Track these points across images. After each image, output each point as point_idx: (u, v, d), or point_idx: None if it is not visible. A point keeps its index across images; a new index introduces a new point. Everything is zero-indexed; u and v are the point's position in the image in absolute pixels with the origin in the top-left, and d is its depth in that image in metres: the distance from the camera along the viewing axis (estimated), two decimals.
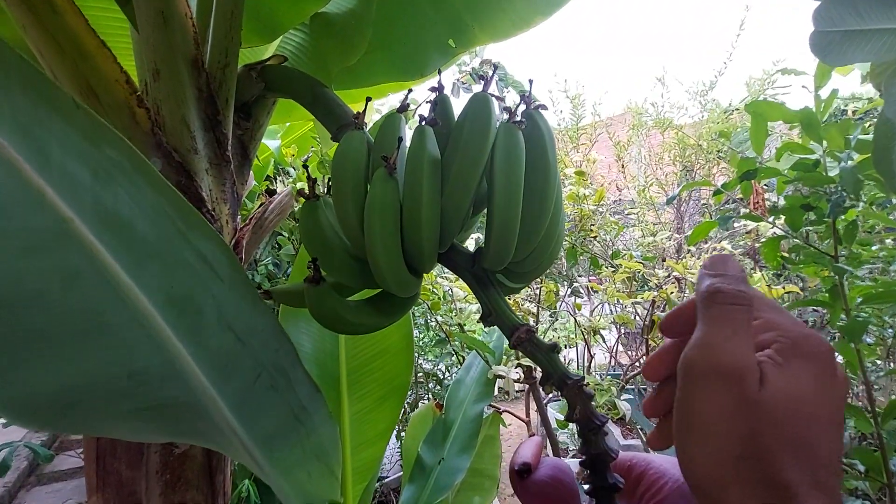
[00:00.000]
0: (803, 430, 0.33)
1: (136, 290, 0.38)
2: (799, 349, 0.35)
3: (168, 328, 0.40)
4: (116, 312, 0.38)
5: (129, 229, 0.38)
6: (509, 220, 0.56)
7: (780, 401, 0.33)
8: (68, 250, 0.35)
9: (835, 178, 0.83)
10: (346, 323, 0.61)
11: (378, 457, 0.95)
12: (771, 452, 0.32)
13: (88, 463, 0.76)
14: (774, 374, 0.34)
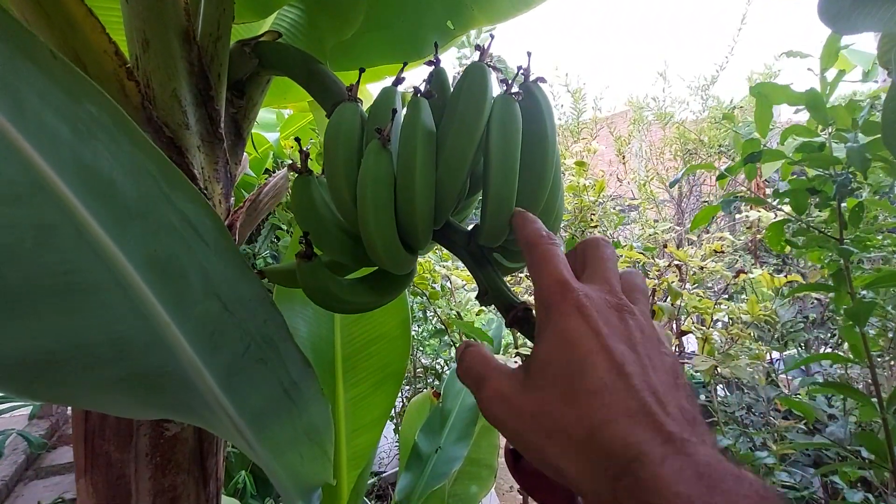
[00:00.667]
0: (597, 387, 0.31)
1: (116, 250, 0.36)
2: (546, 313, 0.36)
3: (150, 293, 0.39)
4: (95, 273, 0.36)
5: (109, 187, 0.37)
6: (505, 193, 0.54)
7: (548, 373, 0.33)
8: (43, 204, 0.33)
9: (841, 160, 0.81)
10: (338, 300, 0.59)
11: (373, 443, 0.94)
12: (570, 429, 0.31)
13: (77, 444, 0.75)
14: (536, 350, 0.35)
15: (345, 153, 0.56)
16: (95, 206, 0.35)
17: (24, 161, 0.32)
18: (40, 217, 0.33)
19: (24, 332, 0.34)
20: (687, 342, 2.61)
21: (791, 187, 0.89)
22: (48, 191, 0.33)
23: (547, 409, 0.32)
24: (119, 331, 0.38)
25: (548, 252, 0.40)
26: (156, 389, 0.45)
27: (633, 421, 0.29)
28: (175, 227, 0.41)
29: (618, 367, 0.31)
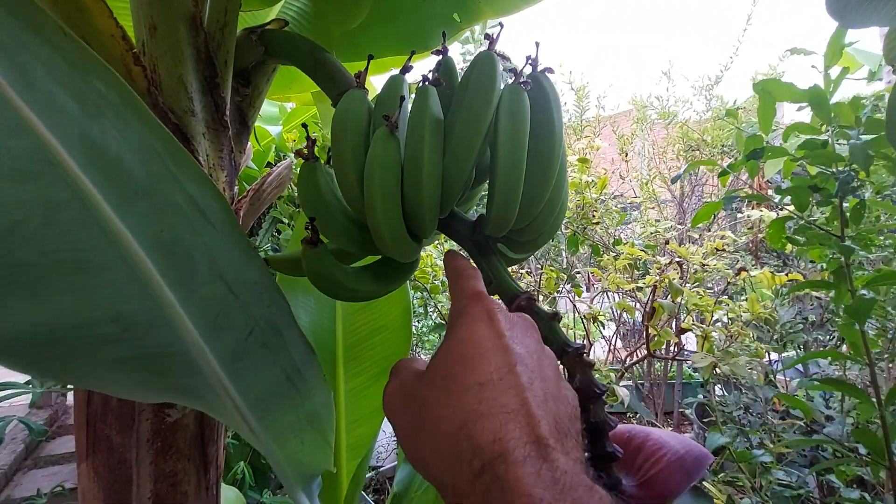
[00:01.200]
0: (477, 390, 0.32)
1: (123, 229, 0.36)
2: (457, 317, 0.38)
3: (156, 272, 0.39)
4: (102, 251, 0.36)
5: (116, 165, 0.37)
6: (512, 183, 0.54)
7: (438, 368, 0.35)
8: (52, 180, 0.33)
9: (844, 158, 0.81)
10: (343, 288, 0.59)
11: (373, 433, 0.94)
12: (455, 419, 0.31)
13: (79, 429, 0.75)
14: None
15: (352, 139, 0.56)
16: (103, 183, 0.35)
17: (34, 136, 0.32)
18: (49, 194, 0.33)
19: (32, 309, 0.34)
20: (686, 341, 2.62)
21: (793, 184, 0.89)
22: (57, 167, 0.33)
23: (430, 401, 0.33)
24: (125, 310, 0.39)
25: (471, 273, 0.45)
26: (160, 371, 0.45)
27: (507, 418, 0.30)
28: (181, 207, 0.41)
29: (510, 364, 0.33)
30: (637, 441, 0.53)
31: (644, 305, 1.42)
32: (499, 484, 0.27)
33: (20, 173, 0.32)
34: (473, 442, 0.29)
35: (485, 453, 0.28)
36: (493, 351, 0.33)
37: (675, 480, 0.51)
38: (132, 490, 0.73)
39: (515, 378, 0.32)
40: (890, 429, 0.78)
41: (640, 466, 0.51)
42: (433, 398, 0.33)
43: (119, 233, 0.36)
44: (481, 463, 0.28)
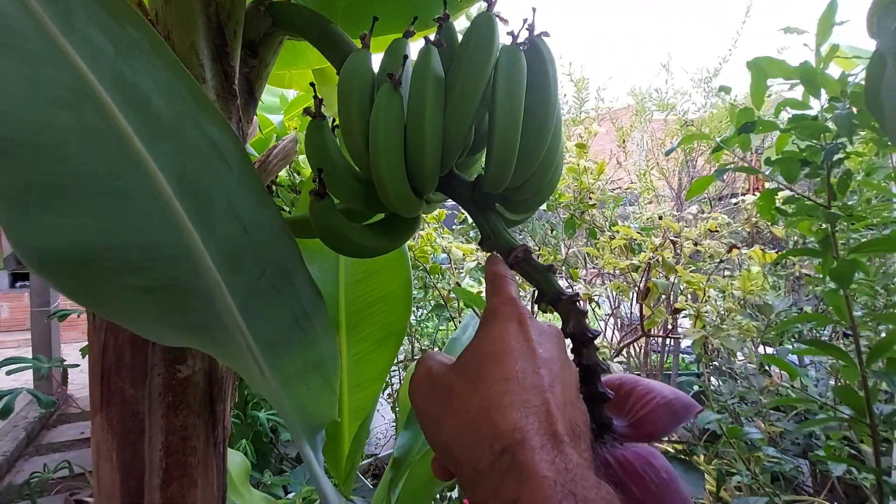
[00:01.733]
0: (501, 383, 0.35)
1: (151, 162, 0.39)
2: (490, 317, 0.41)
3: (180, 207, 0.42)
4: (132, 180, 0.39)
5: (145, 104, 0.40)
6: (509, 138, 0.57)
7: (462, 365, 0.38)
8: (88, 110, 0.36)
9: (831, 130, 0.84)
10: (348, 242, 0.63)
11: (374, 396, 0.98)
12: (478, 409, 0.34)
13: (93, 382, 0.78)
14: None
15: (358, 96, 0.59)
16: (134, 119, 0.38)
17: (74, 70, 0.35)
18: (87, 122, 0.36)
19: (69, 227, 0.37)
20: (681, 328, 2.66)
21: (782, 156, 0.92)
22: (93, 100, 0.36)
23: (458, 389, 0.36)
24: (151, 239, 0.42)
25: (508, 278, 0.48)
26: (181, 305, 0.48)
27: (529, 412, 0.33)
28: (202, 148, 0.44)
29: (535, 367, 0.36)
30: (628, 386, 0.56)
31: (638, 285, 1.46)
32: (517, 465, 0.30)
33: (62, 100, 0.35)
34: (496, 428, 0.32)
35: (505, 438, 0.32)
36: (521, 352, 0.37)
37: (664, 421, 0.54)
38: (145, 441, 0.76)
39: (539, 379, 0.35)
40: (871, 390, 0.82)
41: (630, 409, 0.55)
42: (461, 387, 0.36)
43: (148, 165, 0.39)
44: (501, 446, 0.31)
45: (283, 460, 2.80)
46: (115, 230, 0.39)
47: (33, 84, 0.34)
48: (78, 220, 0.37)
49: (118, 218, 0.39)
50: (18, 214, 0.35)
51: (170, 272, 0.44)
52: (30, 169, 0.34)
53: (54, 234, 0.36)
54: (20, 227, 0.35)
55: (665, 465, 0.48)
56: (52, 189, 0.35)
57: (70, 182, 0.36)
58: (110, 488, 0.77)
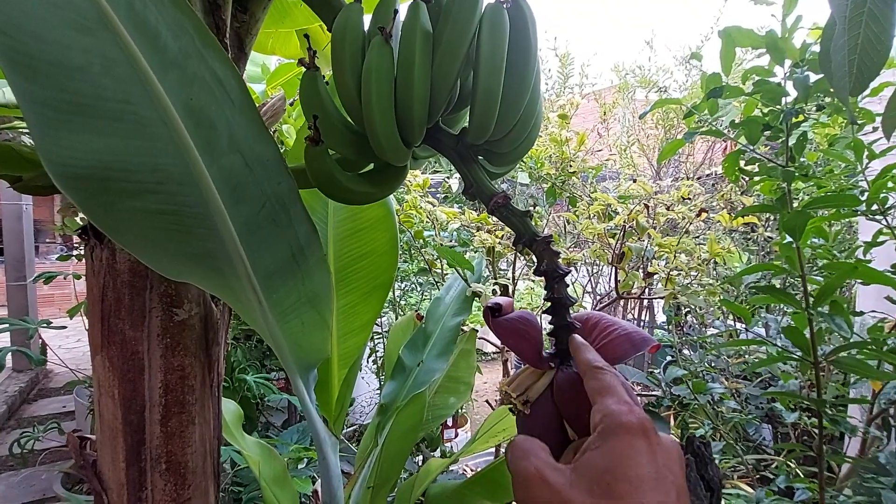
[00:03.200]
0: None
1: (161, 91, 0.43)
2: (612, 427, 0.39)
3: (187, 135, 0.46)
4: (145, 106, 0.43)
5: (155, 36, 0.43)
6: (492, 89, 0.62)
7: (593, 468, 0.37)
8: (107, 38, 0.39)
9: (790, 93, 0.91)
10: (340, 187, 0.67)
11: (361, 344, 1.03)
12: None
13: (93, 324, 0.82)
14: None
15: (350, 48, 0.62)
16: (145, 49, 0.42)
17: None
18: (105, 49, 0.40)
19: (90, 145, 0.41)
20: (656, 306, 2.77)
21: (746, 119, 0.99)
22: (110, 28, 0.39)
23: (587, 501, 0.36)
24: (162, 163, 0.45)
25: (613, 379, 0.45)
26: (188, 230, 0.52)
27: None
28: (207, 81, 0.47)
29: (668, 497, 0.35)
30: (593, 320, 0.62)
31: (614, 249, 1.54)
32: None
33: (83, 27, 0.38)
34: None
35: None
36: (655, 480, 0.35)
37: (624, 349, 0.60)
38: (144, 379, 0.81)
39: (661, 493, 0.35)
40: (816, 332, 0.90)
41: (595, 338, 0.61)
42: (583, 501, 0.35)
43: (158, 94, 0.43)
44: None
45: (270, 427, 2.86)
46: (129, 151, 0.43)
47: (58, 8, 0.37)
48: (96, 139, 0.41)
49: (132, 140, 0.43)
50: (45, 128, 0.38)
51: (177, 196, 0.48)
52: (56, 86, 0.38)
53: (76, 149, 0.40)
54: (47, 139, 0.38)
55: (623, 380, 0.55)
56: (74, 107, 0.39)
57: (91, 102, 0.40)
58: (112, 422, 0.81)
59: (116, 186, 0.44)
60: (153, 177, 0.46)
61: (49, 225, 9.66)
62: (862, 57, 0.69)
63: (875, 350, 0.94)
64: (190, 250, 0.55)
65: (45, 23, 0.37)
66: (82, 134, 0.40)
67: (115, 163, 0.43)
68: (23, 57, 0.36)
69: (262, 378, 2.09)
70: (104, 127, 0.41)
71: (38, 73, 0.37)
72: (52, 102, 0.38)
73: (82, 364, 5.26)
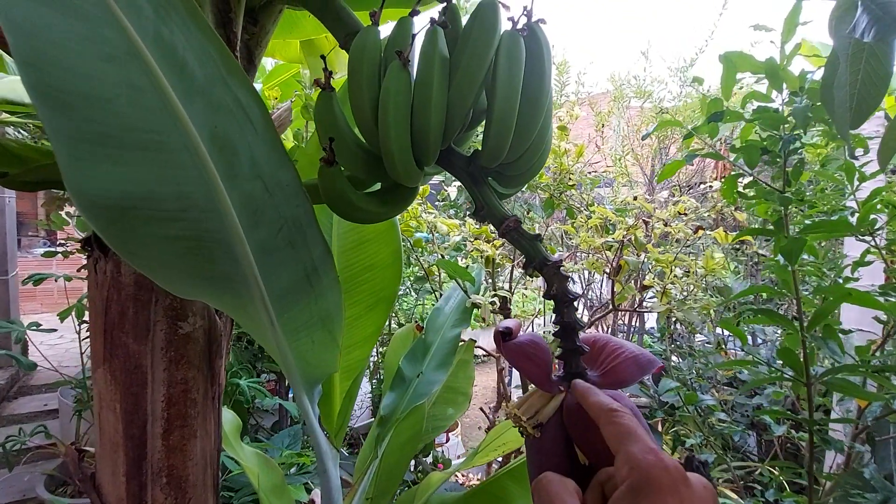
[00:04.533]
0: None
1: (187, 119, 0.43)
2: (643, 486, 0.37)
3: (211, 163, 0.46)
4: (171, 135, 0.43)
5: (181, 64, 0.43)
6: (507, 118, 0.62)
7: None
8: (135, 67, 0.39)
9: (790, 122, 0.93)
10: (353, 206, 0.67)
11: (365, 357, 1.03)
12: None
13: (95, 336, 0.81)
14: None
15: (368, 70, 0.62)
16: (172, 78, 0.42)
17: (121, 29, 0.38)
18: (133, 78, 0.39)
19: (116, 175, 0.40)
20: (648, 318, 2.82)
21: (745, 143, 1.01)
22: (138, 57, 0.39)
23: None
24: (185, 191, 0.45)
25: (633, 421, 0.43)
26: (207, 255, 0.52)
27: None
28: (231, 108, 0.47)
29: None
30: (601, 343, 0.64)
31: (611, 262, 1.56)
32: None
33: (112, 57, 0.38)
34: None
35: None
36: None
37: (631, 371, 0.62)
38: (147, 393, 0.80)
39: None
40: (809, 353, 0.93)
41: (602, 361, 0.62)
42: None
43: (184, 122, 0.43)
44: None
45: (259, 430, 2.84)
46: (154, 180, 0.43)
47: (88, 41, 0.37)
48: (123, 169, 0.41)
49: (158, 169, 0.43)
50: (74, 160, 0.38)
51: (200, 224, 0.48)
52: (84, 118, 0.38)
53: (103, 180, 0.40)
54: (75, 171, 0.38)
55: (630, 403, 0.56)
56: (102, 138, 0.39)
57: (118, 133, 0.40)
58: (113, 435, 0.80)
59: (140, 214, 0.43)
60: (177, 204, 0.45)
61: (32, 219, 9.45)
62: (862, 92, 0.71)
63: (863, 370, 0.97)
64: (205, 273, 0.55)
65: (76, 55, 0.37)
66: (109, 164, 0.40)
67: (140, 192, 0.42)
68: (53, 90, 0.36)
69: (254, 382, 2.08)
70: (131, 157, 0.41)
71: (67, 106, 0.37)
72: (81, 134, 0.38)
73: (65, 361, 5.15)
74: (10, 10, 0.33)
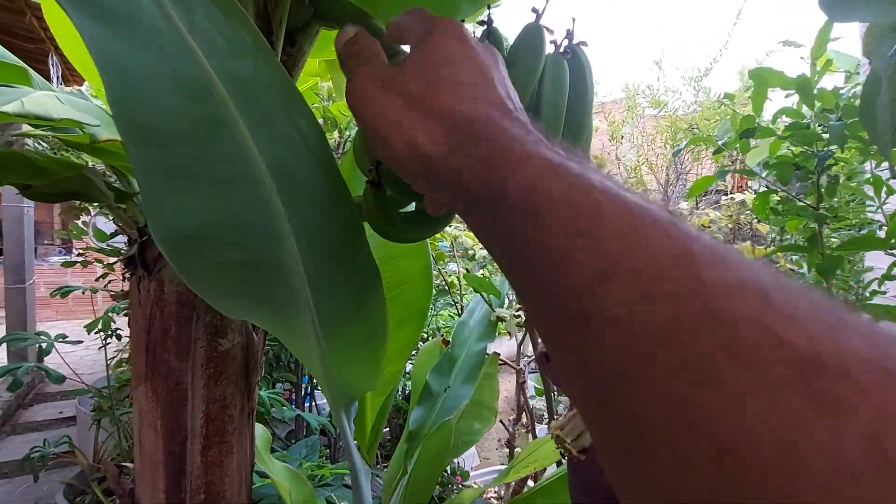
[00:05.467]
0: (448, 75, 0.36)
1: (255, 150, 0.44)
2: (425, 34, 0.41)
3: (274, 191, 0.47)
4: (240, 166, 0.44)
5: (251, 97, 0.44)
6: (552, 137, 0.63)
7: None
8: (213, 103, 0.41)
9: (823, 138, 0.93)
10: (395, 227, 0.67)
11: (397, 372, 1.04)
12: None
13: (137, 354, 0.82)
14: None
15: None
16: (242, 109, 0.43)
17: (199, 66, 0.40)
18: (211, 113, 0.41)
19: (192, 205, 0.42)
20: None
21: (777, 160, 1.01)
22: (215, 93, 0.41)
23: (416, 91, 0.36)
24: (249, 219, 0.46)
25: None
26: (262, 279, 0.53)
27: (492, 107, 0.35)
28: (293, 137, 0.49)
29: (484, 71, 0.38)
30: None
31: None
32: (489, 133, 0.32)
33: (193, 94, 0.39)
34: (466, 115, 0.34)
35: (478, 120, 0.33)
36: (469, 60, 0.38)
37: None
38: (187, 409, 0.81)
39: (490, 82, 0.37)
40: None
41: None
42: (419, 90, 0.36)
43: (252, 153, 0.44)
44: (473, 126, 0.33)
45: (274, 439, 2.85)
46: (225, 211, 0.44)
47: (171, 79, 0.38)
48: (199, 201, 0.42)
49: (228, 200, 0.44)
50: (155, 193, 0.39)
51: (260, 248, 0.49)
52: (167, 153, 0.39)
53: (181, 212, 0.41)
54: (157, 204, 0.39)
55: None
56: (183, 171, 0.40)
57: (196, 166, 0.41)
58: (154, 453, 0.81)
59: (209, 244, 0.44)
60: (241, 233, 0.47)
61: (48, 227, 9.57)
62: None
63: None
64: (259, 296, 0.56)
65: (160, 94, 0.38)
66: (188, 196, 0.41)
67: (211, 222, 0.44)
68: (141, 127, 0.37)
69: (274, 394, 2.09)
70: (207, 189, 0.42)
71: (150, 142, 0.38)
72: (164, 169, 0.39)
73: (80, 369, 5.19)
74: (105, 54, 0.34)
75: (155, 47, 0.38)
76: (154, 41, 0.38)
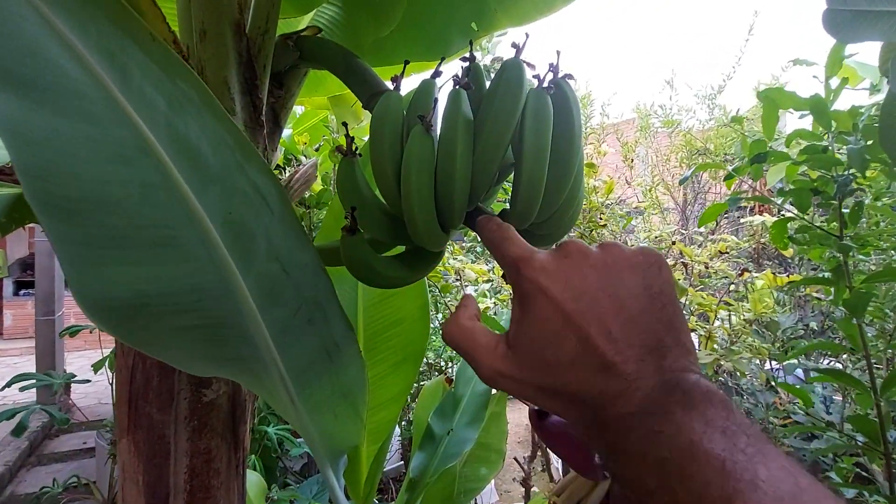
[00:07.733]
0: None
1: (201, 210, 0.41)
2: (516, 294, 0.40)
3: (225, 250, 0.44)
4: (185, 228, 0.41)
5: (196, 154, 0.42)
6: (536, 179, 0.59)
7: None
8: (147, 165, 0.38)
9: (842, 162, 0.86)
10: (376, 274, 0.64)
11: (392, 419, 0.99)
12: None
13: (120, 406, 0.80)
14: None
15: (390, 136, 0.61)
16: (186, 170, 0.40)
17: (132, 127, 0.37)
18: (144, 176, 0.38)
19: (128, 276, 0.39)
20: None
21: (795, 186, 0.94)
22: (150, 154, 0.38)
23: (536, 378, 0.37)
24: (199, 282, 0.43)
25: (501, 231, 0.46)
26: (221, 340, 0.50)
27: (598, 375, 0.34)
28: (247, 193, 0.46)
29: (583, 339, 0.34)
30: None
31: None
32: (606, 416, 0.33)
33: (122, 158, 0.37)
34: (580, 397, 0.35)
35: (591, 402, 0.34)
36: (563, 330, 0.35)
37: None
38: (170, 464, 0.78)
39: (590, 348, 0.34)
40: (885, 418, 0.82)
41: None
42: (537, 377, 0.37)
43: (198, 213, 0.41)
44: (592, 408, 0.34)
45: (288, 473, 2.79)
46: (166, 276, 0.41)
47: (97, 144, 0.36)
48: (134, 269, 0.39)
49: (170, 265, 0.41)
50: (80, 266, 0.37)
51: (214, 311, 0.46)
52: (93, 223, 0.36)
53: (113, 283, 0.38)
54: (82, 278, 0.37)
55: None
56: (112, 241, 0.37)
57: (129, 234, 0.38)
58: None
59: (152, 311, 0.42)
60: (190, 297, 0.43)
61: None
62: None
63: None
64: (222, 356, 0.53)
65: (84, 160, 0.35)
66: (120, 266, 0.38)
67: (152, 289, 0.41)
68: (59, 199, 0.35)
69: (282, 430, 2.05)
70: (142, 256, 0.39)
71: (74, 214, 0.36)
72: (88, 240, 0.36)
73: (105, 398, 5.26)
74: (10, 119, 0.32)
75: (82, 114, 0.35)
76: (81, 108, 0.35)
